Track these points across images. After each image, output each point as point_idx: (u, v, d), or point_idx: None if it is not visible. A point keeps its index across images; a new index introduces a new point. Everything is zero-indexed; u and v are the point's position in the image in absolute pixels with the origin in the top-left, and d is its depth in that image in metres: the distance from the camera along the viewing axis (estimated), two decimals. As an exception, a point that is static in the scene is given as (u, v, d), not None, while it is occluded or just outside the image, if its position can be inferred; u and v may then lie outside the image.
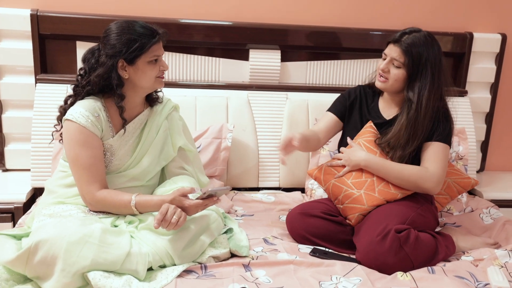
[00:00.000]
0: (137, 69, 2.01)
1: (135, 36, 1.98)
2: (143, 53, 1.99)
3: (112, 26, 2.02)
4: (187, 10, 2.88)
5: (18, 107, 2.81)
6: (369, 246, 2.01)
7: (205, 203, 1.93)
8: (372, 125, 2.31)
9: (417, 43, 2.15)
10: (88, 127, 1.98)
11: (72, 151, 1.98)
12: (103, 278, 1.70)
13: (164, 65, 2.08)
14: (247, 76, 2.96)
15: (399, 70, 2.18)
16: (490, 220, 2.55)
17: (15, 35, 2.74)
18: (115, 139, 2.07)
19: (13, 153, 2.85)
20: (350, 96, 2.41)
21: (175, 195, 1.91)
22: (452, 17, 3.10)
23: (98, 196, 1.97)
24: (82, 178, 1.97)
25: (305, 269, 1.95)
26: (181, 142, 2.23)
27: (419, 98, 2.16)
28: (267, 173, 2.83)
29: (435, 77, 2.17)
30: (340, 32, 2.93)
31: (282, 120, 2.86)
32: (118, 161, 2.09)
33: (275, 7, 2.95)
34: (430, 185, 2.16)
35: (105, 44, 2.01)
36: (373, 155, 2.22)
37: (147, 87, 2.08)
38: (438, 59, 2.18)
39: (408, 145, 2.19)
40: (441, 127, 2.20)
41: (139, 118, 2.14)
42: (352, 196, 2.22)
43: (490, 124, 3.24)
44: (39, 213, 2.00)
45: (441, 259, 2.10)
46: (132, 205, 1.96)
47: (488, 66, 3.14)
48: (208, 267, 1.92)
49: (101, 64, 2.00)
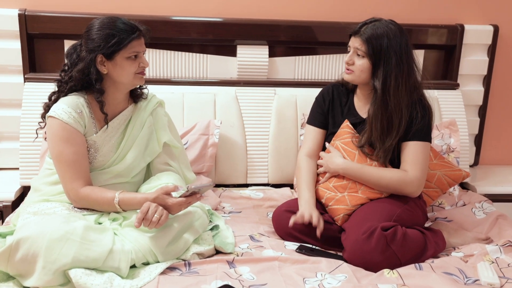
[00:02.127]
0: (116, 64, 2.01)
1: (114, 32, 1.97)
2: (121, 48, 1.98)
3: (95, 22, 2.02)
4: (174, 7, 2.87)
5: (8, 106, 2.81)
6: (355, 245, 2.00)
7: (188, 200, 1.92)
8: (348, 125, 2.29)
9: (377, 31, 2.13)
10: (71, 123, 1.98)
11: (55, 148, 1.98)
12: (84, 275, 1.69)
13: (144, 61, 2.07)
14: (235, 72, 2.94)
15: (363, 60, 2.16)
16: (482, 215, 2.52)
17: (3, 35, 2.74)
18: (99, 135, 2.06)
19: (3, 152, 2.85)
20: (325, 100, 2.38)
21: (158, 194, 1.91)
22: (442, 9, 3.07)
23: (81, 193, 1.97)
24: (65, 175, 1.97)
25: (290, 265, 1.94)
26: (166, 137, 2.22)
27: (384, 85, 2.14)
28: (255, 169, 2.81)
29: (401, 64, 2.14)
30: (330, 26, 2.91)
31: (270, 116, 2.84)
32: (102, 158, 2.09)
33: (262, 2, 2.93)
34: (411, 190, 2.16)
35: (86, 39, 2.01)
36: (350, 162, 2.21)
37: (126, 83, 2.07)
38: (404, 46, 2.15)
39: (387, 137, 2.16)
40: (419, 124, 2.17)
41: (123, 114, 2.13)
42: (334, 198, 2.21)
43: (484, 117, 3.21)
44: (24, 211, 2.01)
45: (430, 256, 2.08)
46: (116, 202, 1.96)
47: (480, 58, 3.11)
48: (192, 264, 1.91)
49: (81, 59, 2.01)
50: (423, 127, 2.18)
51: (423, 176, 2.17)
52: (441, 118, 2.97)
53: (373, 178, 2.16)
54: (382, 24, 2.16)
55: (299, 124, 2.82)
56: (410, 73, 2.17)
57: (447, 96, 3.03)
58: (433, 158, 2.48)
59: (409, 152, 2.18)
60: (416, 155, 2.17)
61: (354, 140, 2.24)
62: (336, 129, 2.33)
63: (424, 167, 2.17)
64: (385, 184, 2.16)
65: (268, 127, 2.84)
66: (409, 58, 2.18)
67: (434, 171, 2.45)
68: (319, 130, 2.38)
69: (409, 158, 2.17)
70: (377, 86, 2.15)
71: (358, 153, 2.23)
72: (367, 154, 2.21)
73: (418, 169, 2.15)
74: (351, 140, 2.25)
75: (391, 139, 2.16)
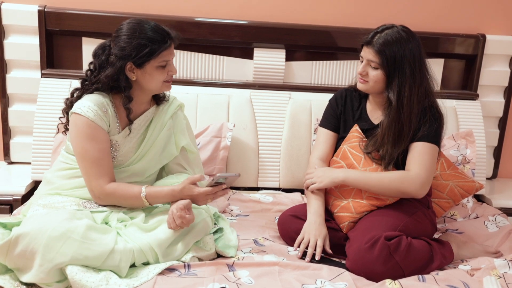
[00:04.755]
0: (145, 72, 2.01)
1: (145, 41, 1.96)
2: (152, 58, 1.98)
3: (124, 27, 2.01)
4: (191, 9, 2.87)
5: (25, 101, 2.85)
6: (357, 254, 1.96)
7: (215, 191, 1.93)
8: (357, 129, 2.26)
9: (389, 40, 2.09)
10: (96, 121, 1.99)
11: (79, 145, 1.99)
12: (80, 272, 1.70)
13: (172, 69, 2.07)
14: (251, 75, 2.94)
15: (377, 71, 2.12)
16: (495, 228, 2.46)
17: (23, 31, 2.78)
18: (121, 135, 2.08)
19: (19, 146, 2.89)
20: (338, 104, 2.35)
21: (184, 184, 1.93)
22: (464, 18, 3.02)
23: (107, 190, 1.97)
24: (90, 172, 1.98)
25: (290, 271, 1.92)
26: (184, 142, 2.22)
27: (399, 97, 2.10)
28: (267, 173, 2.80)
29: (415, 72, 2.10)
30: (349, 32, 2.88)
31: (284, 120, 2.83)
32: (121, 157, 2.10)
33: (281, 6, 2.92)
34: (413, 189, 2.09)
35: (115, 44, 2.00)
36: (349, 170, 2.17)
37: (154, 90, 2.09)
38: (417, 54, 2.11)
39: (395, 147, 2.12)
40: (427, 125, 2.12)
41: (145, 115, 2.14)
42: (340, 205, 2.19)
43: (504, 129, 3.14)
44: (35, 203, 2.03)
45: (436, 268, 2.03)
46: (143, 196, 1.97)
47: (502, 69, 3.04)
48: (191, 266, 1.91)
49: (110, 63, 2.01)
50: (431, 130, 2.13)
51: (426, 175, 2.10)
52: (459, 128, 2.92)
53: (373, 181, 2.11)
54: (394, 32, 2.11)
55: (312, 129, 2.80)
56: (422, 80, 2.13)
57: (466, 107, 2.98)
58: (446, 168, 2.43)
59: (414, 153, 2.12)
60: (421, 155, 2.11)
61: (361, 144, 2.21)
62: (346, 134, 2.30)
63: (428, 167, 2.11)
64: (386, 185, 2.10)
65: (281, 131, 2.82)
66: (422, 65, 2.13)
67: (446, 181, 2.40)
68: (332, 133, 2.34)
69: (413, 158, 2.12)
70: (391, 98, 2.11)
71: (364, 157, 2.19)
72: (374, 158, 2.18)
73: (421, 168, 2.09)
74: (358, 144, 2.22)
75: (400, 148, 2.13)
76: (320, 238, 2.07)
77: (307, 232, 2.09)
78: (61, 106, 2.04)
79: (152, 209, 2.06)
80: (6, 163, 2.91)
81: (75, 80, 2.74)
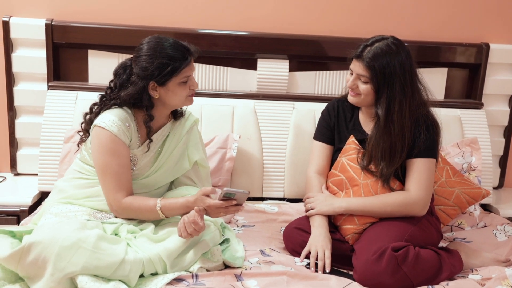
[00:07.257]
0: (168, 90, 2.04)
1: (167, 60, 1.99)
2: (174, 76, 2.01)
3: (144, 46, 2.03)
4: (194, 21, 2.89)
5: (31, 113, 2.87)
6: (365, 266, 1.95)
7: (225, 205, 1.91)
8: (353, 141, 2.25)
9: (379, 54, 2.07)
10: (120, 135, 2.01)
11: (101, 158, 2.01)
12: (90, 282, 1.71)
13: (194, 83, 2.09)
14: (254, 85, 2.95)
15: (366, 85, 2.12)
16: (504, 237, 2.45)
17: (30, 44, 2.81)
18: (140, 149, 2.10)
19: (25, 157, 2.90)
20: (330, 116, 2.35)
21: (197, 195, 1.94)
22: (468, 27, 3.03)
23: (124, 204, 2.00)
24: (109, 186, 2.00)
25: (298, 281, 1.91)
26: (198, 156, 2.24)
27: (388, 113, 2.09)
28: (271, 183, 2.80)
29: (405, 86, 2.09)
30: (350, 42, 2.83)
31: (288, 130, 2.84)
32: (138, 171, 2.12)
33: (283, 16, 2.94)
34: (416, 211, 2.12)
35: (137, 64, 2.03)
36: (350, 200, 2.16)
37: (177, 105, 2.12)
38: (408, 66, 2.09)
39: (390, 165, 2.12)
40: (422, 138, 2.11)
41: (162, 130, 2.16)
42: (342, 217, 2.19)
43: (509, 138, 3.13)
44: (47, 211, 2.04)
45: (445, 278, 2.01)
46: (158, 208, 1.98)
47: (506, 78, 3.05)
48: (199, 276, 1.91)
49: (132, 83, 2.03)
50: (427, 143, 2.12)
51: (427, 194, 2.12)
52: (463, 137, 2.92)
53: (375, 208, 2.12)
54: (384, 44, 2.09)
55: (316, 139, 2.80)
56: (414, 93, 2.12)
57: (470, 116, 2.98)
58: (452, 176, 2.43)
59: (413, 170, 2.13)
60: (420, 173, 2.12)
61: (358, 157, 2.21)
62: (342, 145, 2.29)
63: (428, 185, 2.12)
64: (390, 211, 2.11)
65: (285, 141, 2.83)
66: (413, 77, 2.13)
67: (452, 188, 2.40)
68: (327, 146, 2.34)
69: (413, 177, 2.13)
70: (379, 113, 2.11)
71: (362, 170, 2.19)
72: (372, 172, 2.17)
73: (421, 188, 2.10)
74: (356, 157, 2.21)
75: (395, 165, 2.12)
76: (328, 250, 2.07)
77: (314, 245, 2.08)
78: (67, 118, 2.06)
79: (161, 220, 2.07)
80: (13, 174, 2.93)
81: (81, 92, 2.78)
